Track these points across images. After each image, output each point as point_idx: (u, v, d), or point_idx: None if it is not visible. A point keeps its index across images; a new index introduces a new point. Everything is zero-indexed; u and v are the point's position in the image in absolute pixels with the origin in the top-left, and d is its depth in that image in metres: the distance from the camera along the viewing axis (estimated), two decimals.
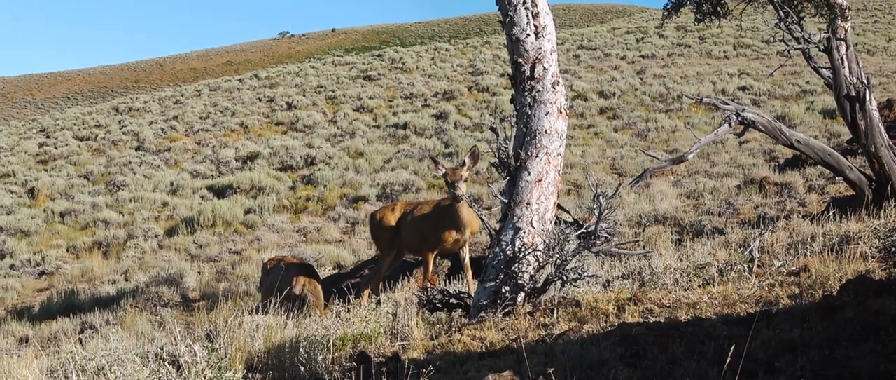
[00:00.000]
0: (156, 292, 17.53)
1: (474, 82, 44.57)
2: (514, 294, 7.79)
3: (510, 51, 8.14)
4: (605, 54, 51.11)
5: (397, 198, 25.11)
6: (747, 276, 8.22)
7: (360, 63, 57.12)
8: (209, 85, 57.17)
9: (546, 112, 7.94)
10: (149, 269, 20.18)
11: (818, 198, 17.22)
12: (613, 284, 8.96)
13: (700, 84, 39.65)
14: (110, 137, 40.69)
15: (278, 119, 41.10)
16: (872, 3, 71.37)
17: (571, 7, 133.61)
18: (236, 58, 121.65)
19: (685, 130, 29.74)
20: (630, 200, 19.31)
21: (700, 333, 6.11)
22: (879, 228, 9.60)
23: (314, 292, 12.37)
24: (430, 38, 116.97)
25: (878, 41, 51.59)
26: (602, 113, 36.36)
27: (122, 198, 28.46)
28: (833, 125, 26.64)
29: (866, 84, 12.87)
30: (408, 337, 7.69)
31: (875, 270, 7.91)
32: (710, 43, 51.33)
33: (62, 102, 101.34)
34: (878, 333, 5.30)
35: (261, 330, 8.02)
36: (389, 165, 30.05)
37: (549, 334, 6.88)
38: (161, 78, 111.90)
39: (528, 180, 7.90)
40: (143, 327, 14.27)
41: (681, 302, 7.45)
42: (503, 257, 7.83)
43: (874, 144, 12.83)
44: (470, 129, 35.10)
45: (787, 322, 6.10)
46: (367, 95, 44.28)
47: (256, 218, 24.86)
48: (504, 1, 8.05)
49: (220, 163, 33.30)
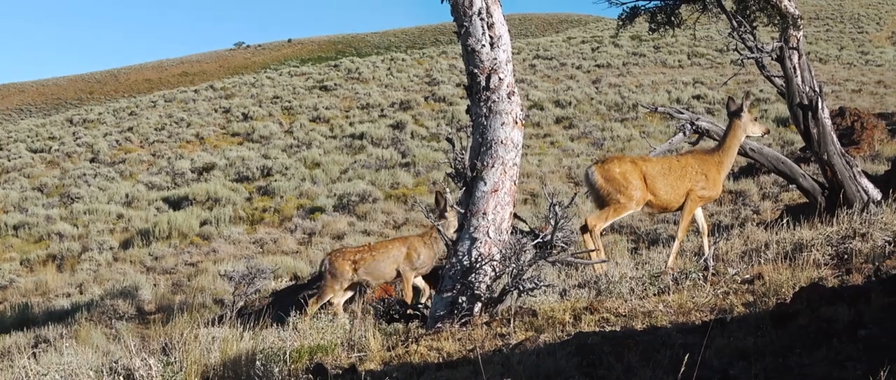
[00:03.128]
0: (111, 305, 17.39)
1: (431, 92, 44.61)
2: (470, 304, 7.79)
3: (466, 61, 8.14)
4: (560, 64, 51.30)
5: (353, 209, 25.09)
6: (702, 284, 8.28)
7: (317, 73, 56.99)
8: (164, 96, 56.84)
9: (502, 122, 7.95)
10: (104, 282, 20.03)
11: (772, 206, 17.38)
12: (570, 293, 8.98)
13: (655, 93, 39.89)
14: (64, 149, 40.36)
15: (234, 130, 40.93)
16: (824, 13, 72.22)
17: (527, 17, 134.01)
18: (192, 69, 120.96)
19: (641, 139, 29.87)
20: (586, 209, 19.34)
21: (655, 341, 6.13)
22: (832, 236, 9.68)
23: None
24: (386, 48, 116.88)
25: (831, 50, 52.16)
26: (558, 122, 36.48)
27: (76, 210, 28.20)
28: (786, 133, 26.88)
29: (819, 92, 12.99)
30: (365, 348, 7.65)
31: (828, 278, 7.98)
32: (664, 52, 51.69)
33: (15, 114, 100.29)
34: (831, 340, 5.34)
35: (217, 343, 7.97)
36: (346, 175, 30.01)
37: (505, 344, 6.88)
38: (116, 89, 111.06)
39: (484, 190, 7.90)
40: (98, 341, 14.16)
41: (636, 311, 7.48)
42: (460, 268, 7.84)
43: (827, 152, 12.96)
44: (427, 139, 35.10)
45: (742, 330, 6.14)
46: (324, 105, 44.19)
47: (212, 229, 24.74)
48: (459, 11, 8.06)
49: (176, 174, 33.10)
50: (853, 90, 37.93)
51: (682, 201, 10.55)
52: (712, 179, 10.60)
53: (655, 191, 10.42)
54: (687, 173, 10.52)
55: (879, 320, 5.41)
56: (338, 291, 12.36)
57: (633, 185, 10.27)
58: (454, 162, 8.04)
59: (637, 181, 10.30)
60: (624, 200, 10.26)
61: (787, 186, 17.66)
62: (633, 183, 10.27)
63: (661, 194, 10.45)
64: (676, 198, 10.53)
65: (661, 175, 10.47)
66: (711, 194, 10.75)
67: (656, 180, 10.42)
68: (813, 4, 74.72)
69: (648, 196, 10.44)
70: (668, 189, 10.47)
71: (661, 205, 10.68)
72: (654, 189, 10.41)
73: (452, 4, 8.09)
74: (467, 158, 8.03)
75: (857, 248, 8.81)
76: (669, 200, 10.57)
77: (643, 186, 10.37)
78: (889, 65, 46.92)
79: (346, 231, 23.54)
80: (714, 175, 10.65)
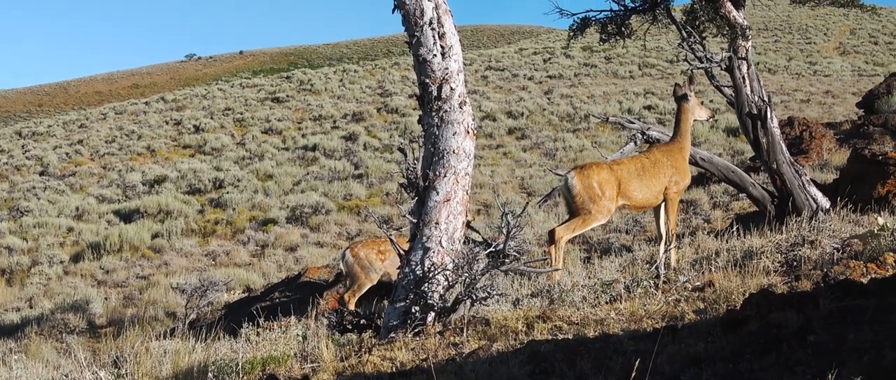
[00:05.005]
0: (61, 318, 17.23)
1: (383, 103, 44.56)
2: (424, 314, 7.80)
3: (417, 71, 8.15)
4: (512, 75, 51.44)
5: (306, 220, 25.03)
6: (654, 292, 8.33)
7: (269, 85, 56.77)
8: (115, 108, 56.36)
9: (454, 132, 7.98)
10: (54, 295, 19.84)
11: (722, 214, 17.52)
12: (523, 302, 9.01)
13: (607, 104, 40.10)
14: (13, 162, 39.92)
15: (186, 142, 40.67)
16: (773, 24, 72.99)
17: (479, 28, 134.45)
18: (142, 80, 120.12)
19: (592, 149, 30.00)
20: (539, 218, 19.43)
21: (608, 348, 6.17)
22: (781, 243, 9.79)
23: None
24: (338, 59, 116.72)
25: (779, 60, 52.70)
26: (511, 133, 36.55)
27: (25, 224, 27.88)
28: (736, 143, 27.12)
29: (767, 102, 13.14)
30: (318, 359, 7.64)
31: (777, 285, 8.05)
32: (615, 63, 52.00)
33: None
34: (781, 345, 5.39)
35: (169, 355, 7.93)
36: (299, 187, 29.91)
37: (459, 354, 6.90)
38: (65, 102, 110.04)
39: (437, 200, 7.92)
40: (49, 355, 14.01)
41: (589, 319, 7.52)
42: (413, 277, 7.84)
43: (776, 161, 13.11)
44: (380, 150, 35.07)
45: (693, 336, 6.19)
46: (276, 117, 44.02)
47: (164, 242, 24.58)
48: (411, 21, 8.07)
49: (127, 187, 32.82)
50: (802, 100, 38.34)
51: (660, 199, 10.64)
52: (681, 169, 10.74)
53: (631, 192, 10.49)
54: (660, 170, 10.62)
55: (828, 326, 5.47)
56: (374, 280, 12.44)
57: (607, 195, 10.32)
58: (407, 172, 8.06)
59: (611, 191, 10.37)
60: (595, 211, 10.30)
61: (737, 195, 17.81)
62: (607, 193, 10.33)
63: (637, 196, 10.55)
64: (655, 196, 10.62)
65: (635, 176, 10.56)
66: (685, 183, 10.89)
67: (630, 182, 10.51)
68: (761, 15, 75.51)
69: (619, 202, 10.53)
70: (644, 189, 10.57)
71: (638, 205, 10.78)
72: (629, 191, 10.49)
73: (404, 14, 8.11)
74: (419, 169, 8.05)
75: (806, 255, 8.90)
76: (648, 200, 10.66)
77: (615, 195, 10.44)
78: (837, 75, 47.48)
79: (299, 243, 23.47)
80: (682, 164, 10.78)
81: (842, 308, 5.68)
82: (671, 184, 10.64)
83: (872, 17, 71.83)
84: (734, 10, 13.46)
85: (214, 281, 17.13)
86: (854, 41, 64.34)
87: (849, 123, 23.11)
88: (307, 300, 14.30)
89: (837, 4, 14.69)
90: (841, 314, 5.59)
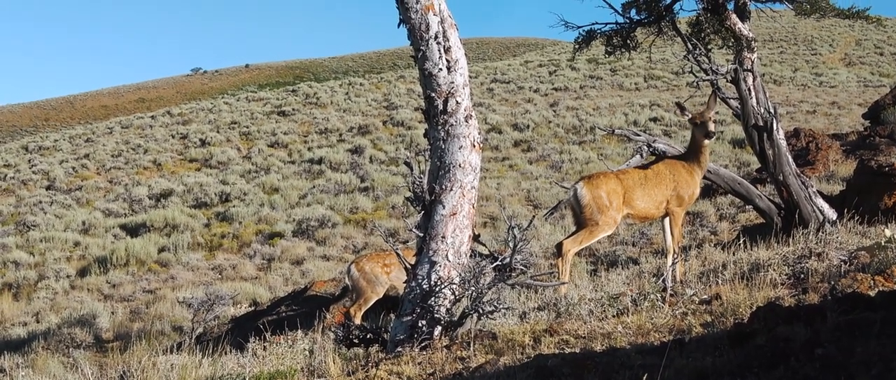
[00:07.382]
0: (68, 333, 17.23)
1: (389, 116, 44.59)
2: (430, 328, 7.78)
3: (423, 85, 8.15)
4: (518, 87, 51.46)
5: (312, 234, 25.04)
6: (661, 305, 8.30)
7: (274, 98, 56.83)
8: (121, 122, 56.43)
9: (459, 146, 7.97)
10: (61, 310, 19.85)
11: (729, 226, 17.48)
12: (529, 315, 8.98)
13: (612, 116, 40.09)
14: (20, 177, 39.99)
15: (192, 156, 40.73)
16: (778, 35, 72.91)
17: (484, 41, 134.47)
18: (148, 94, 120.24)
19: (599, 162, 30.00)
20: (545, 231, 19.41)
21: (615, 362, 6.15)
22: (788, 256, 9.76)
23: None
24: (344, 72, 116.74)
25: (785, 71, 52.69)
26: (516, 145, 36.57)
27: (32, 238, 27.92)
28: (742, 154, 27.08)
29: (773, 114, 13.11)
30: (325, 374, 7.63)
31: (785, 297, 8.03)
32: (621, 75, 52.01)
33: None
34: (788, 359, 5.37)
35: (176, 370, 7.92)
36: (305, 200, 29.93)
37: (465, 368, 6.88)
38: (72, 116, 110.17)
39: (443, 214, 7.91)
40: (56, 370, 14.01)
41: (596, 332, 7.50)
42: (419, 291, 7.83)
43: (782, 172, 13.08)
44: (385, 163, 35.10)
45: (700, 350, 6.16)
46: (282, 130, 44.08)
47: (171, 256, 24.58)
48: (416, 36, 8.07)
49: (133, 201, 32.85)
50: (808, 111, 38.32)
51: (661, 211, 10.69)
52: (684, 184, 10.83)
53: (634, 201, 10.56)
54: (662, 181, 10.73)
55: (836, 339, 5.45)
56: (380, 293, 12.47)
57: (614, 206, 10.35)
58: (413, 186, 8.05)
59: (617, 201, 10.40)
60: (602, 222, 10.32)
61: (743, 207, 17.78)
62: (614, 204, 10.35)
63: (639, 205, 10.64)
64: (656, 207, 10.67)
65: (639, 185, 10.63)
66: (688, 198, 10.99)
67: (634, 191, 10.59)
68: (767, 27, 75.44)
69: (624, 211, 10.55)
70: (646, 198, 10.65)
71: (640, 215, 10.83)
72: (632, 200, 10.56)
73: (409, 28, 8.10)
74: (426, 182, 8.04)
75: (814, 267, 8.87)
76: (649, 210, 10.71)
77: (621, 204, 10.46)
78: (842, 86, 47.46)
79: (306, 256, 23.47)
80: (685, 179, 10.89)
81: (849, 321, 5.65)
82: (672, 198, 10.65)
83: (878, 29, 71.68)
84: (739, 22, 13.44)
85: (221, 295, 17.14)
86: (860, 52, 64.39)
87: (855, 134, 23.11)
88: (314, 314, 14.32)
89: (843, 16, 14.63)
90: (849, 327, 5.56)
